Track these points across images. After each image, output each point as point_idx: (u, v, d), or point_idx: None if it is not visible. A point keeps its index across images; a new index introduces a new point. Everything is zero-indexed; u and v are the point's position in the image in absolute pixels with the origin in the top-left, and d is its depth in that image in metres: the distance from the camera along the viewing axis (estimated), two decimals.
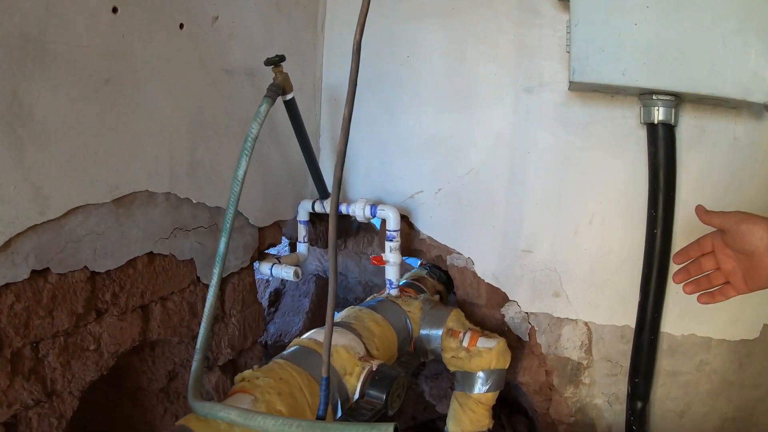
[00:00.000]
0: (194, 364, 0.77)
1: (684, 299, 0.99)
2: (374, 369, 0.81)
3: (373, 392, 0.79)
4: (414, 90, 1.09)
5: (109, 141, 0.76)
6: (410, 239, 1.15)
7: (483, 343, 0.98)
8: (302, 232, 1.12)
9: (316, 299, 1.39)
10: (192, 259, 0.93)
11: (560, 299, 1.05)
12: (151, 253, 0.86)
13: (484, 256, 1.08)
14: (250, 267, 1.07)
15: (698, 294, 0.69)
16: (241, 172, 0.85)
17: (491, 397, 1.01)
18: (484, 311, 1.11)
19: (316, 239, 1.29)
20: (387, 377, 0.80)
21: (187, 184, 0.90)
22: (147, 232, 0.84)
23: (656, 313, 0.98)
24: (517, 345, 1.11)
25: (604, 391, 1.11)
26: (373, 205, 1.03)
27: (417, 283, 1.13)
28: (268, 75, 0.89)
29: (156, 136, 0.84)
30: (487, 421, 1.02)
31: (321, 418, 0.59)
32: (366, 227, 1.43)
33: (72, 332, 0.76)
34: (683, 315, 1.00)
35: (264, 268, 1.04)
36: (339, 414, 0.79)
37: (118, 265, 0.80)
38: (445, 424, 1.07)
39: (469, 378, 1.00)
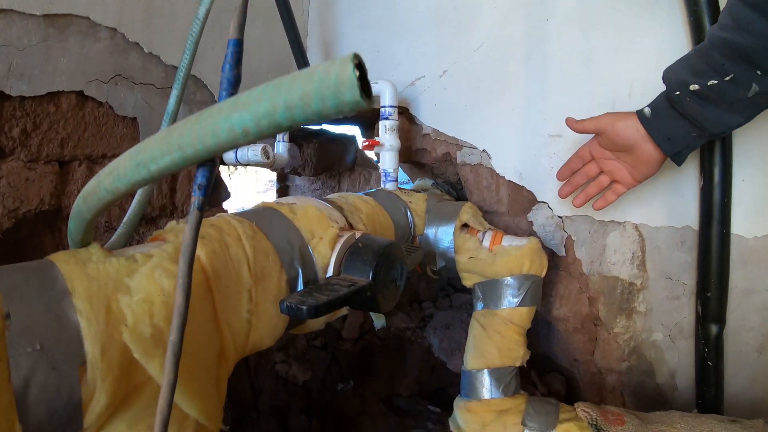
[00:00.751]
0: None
1: (755, 188, 0.79)
2: (358, 236, 0.58)
3: (354, 263, 0.54)
4: None
5: None
6: (411, 137, 0.96)
7: (510, 241, 0.76)
8: None
9: None
10: (135, 119, 0.74)
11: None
12: (82, 94, 0.68)
13: (502, 147, 0.88)
14: (214, 161, 0.87)
15: (593, 202, 0.73)
16: (203, 10, 0.69)
17: (525, 316, 0.76)
18: (507, 220, 0.90)
19: (303, 165, 1.10)
20: (376, 244, 0.56)
21: (140, 29, 0.74)
22: (80, 66, 0.67)
23: (725, 197, 0.76)
24: (551, 264, 0.88)
25: (664, 321, 0.86)
26: None
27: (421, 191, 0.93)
28: None
29: None
30: (521, 351, 0.77)
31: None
32: (363, 162, 1.24)
33: None
34: (755, 210, 0.78)
35: (228, 154, 0.84)
36: (300, 282, 0.55)
37: (35, 93, 0.63)
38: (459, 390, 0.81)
39: (493, 288, 0.77)
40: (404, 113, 0.95)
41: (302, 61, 0.91)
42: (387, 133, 0.82)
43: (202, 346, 0.43)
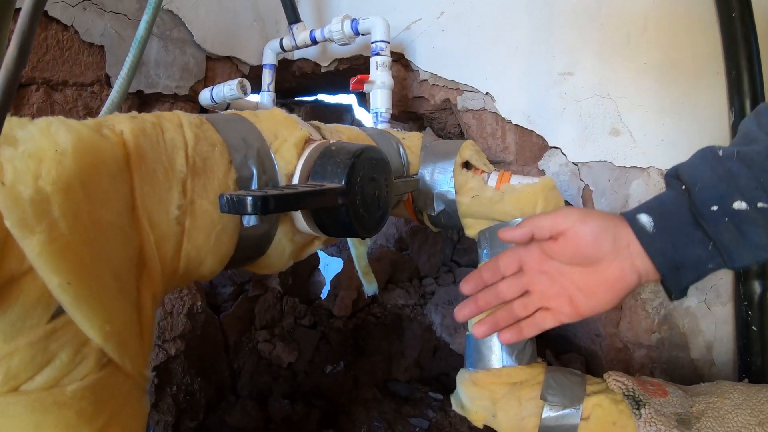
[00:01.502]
0: None
1: None
2: (331, 142, 0.49)
3: (324, 167, 0.45)
4: None
5: None
6: (407, 86, 0.88)
7: (520, 180, 0.67)
8: (267, 78, 0.86)
9: None
10: (103, 47, 0.68)
11: (621, 138, 0.75)
12: (46, 14, 0.62)
13: (507, 88, 0.79)
14: (190, 103, 0.80)
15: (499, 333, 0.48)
16: None
17: None
18: (515, 170, 0.80)
19: None
20: (353, 146, 0.47)
21: None
22: None
23: None
24: None
25: (699, 284, 0.74)
26: (354, 20, 0.78)
27: None
28: None
29: None
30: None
31: None
32: None
33: None
34: None
35: (204, 94, 0.77)
36: (254, 186, 0.45)
37: None
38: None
39: None
40: (399, 61, 0.88)
41: (291, 9, 0.85)
42: (378, 69, 0.75)
43: (108, 241, 0.33)
